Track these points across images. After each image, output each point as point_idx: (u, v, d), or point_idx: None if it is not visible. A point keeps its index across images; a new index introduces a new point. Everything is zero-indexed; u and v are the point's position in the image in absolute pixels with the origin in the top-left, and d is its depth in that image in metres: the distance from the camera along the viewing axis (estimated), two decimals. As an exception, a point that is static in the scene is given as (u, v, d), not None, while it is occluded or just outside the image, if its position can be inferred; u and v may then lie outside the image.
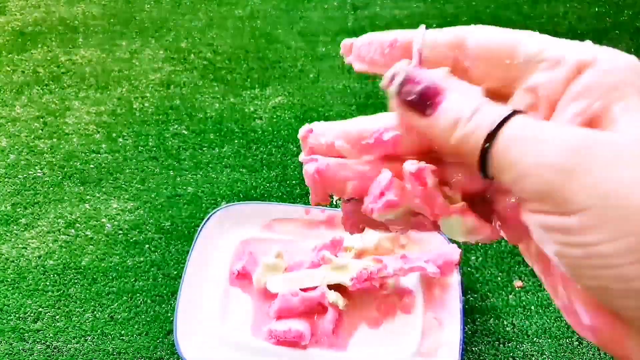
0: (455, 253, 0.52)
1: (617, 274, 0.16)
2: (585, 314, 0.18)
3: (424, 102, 0.18)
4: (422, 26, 0.21)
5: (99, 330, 0.52)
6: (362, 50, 0.22)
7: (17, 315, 0.53)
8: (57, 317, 0.53)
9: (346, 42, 0.22)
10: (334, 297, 0.51)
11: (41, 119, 0.70)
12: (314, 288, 0.51)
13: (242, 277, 0.54)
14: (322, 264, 0.52)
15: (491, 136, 0.17)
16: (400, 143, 0.21)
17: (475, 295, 0.56)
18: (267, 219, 0.58)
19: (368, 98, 0.74)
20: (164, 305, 0.54)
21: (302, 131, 0.22)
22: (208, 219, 0.56)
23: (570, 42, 0.19)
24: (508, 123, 0.17)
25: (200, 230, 0.55)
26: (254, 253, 0.55)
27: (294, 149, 0.67)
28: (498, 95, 0.20)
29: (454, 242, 0.55)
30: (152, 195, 0.62)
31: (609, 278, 0.16)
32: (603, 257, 0.16)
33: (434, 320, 0.51)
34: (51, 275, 0.56)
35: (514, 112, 0.18)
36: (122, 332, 0.52)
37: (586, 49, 0.18)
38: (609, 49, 0.18)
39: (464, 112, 0.18)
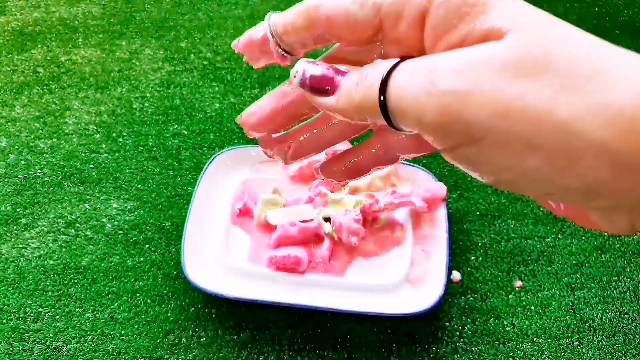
0: (442, 189, 0.56)
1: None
2: (557, 205, 0.21)
3: (324, 85, 0.20)
4: (268, 15, 0.22)
5: (99, 330, 0.52)
6: (246, 53, 0.23)
7: (17, 315, 0.53)
8: (57, 317, 0.53)
9: (234, 43, 0.23)
10: (329, 228, 0.54)
11: (41, 119, 0.70)
12: (311, 220, 0.55)
13: (244, 214, 0.57)
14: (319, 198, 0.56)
15: (384, 87, 0.18)
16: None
17: (475, 295, 0.56)
18: (266, 159, 0.61)
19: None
20: (164, 305, 0.54)
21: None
22: (212, 160, 0.60)
23: None
24: (396, 70, 0.18)
25: (204, 171, 0.59)
26: (253, 192, 0.59)
27: (294, 149, 0.67)
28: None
29: (440, 180, 0.60)
30: (152, 195, 0.62)
31: (552, 187, 0.17)
32: (530, 174, 0.16)
33: (421, 252, 0.55)
34: (51, 275, 0.56)
35: (403, 58, 0.18)
36: (122, 332, 0.52)
37: None
38: None
39: (359, 77, 0.19)
